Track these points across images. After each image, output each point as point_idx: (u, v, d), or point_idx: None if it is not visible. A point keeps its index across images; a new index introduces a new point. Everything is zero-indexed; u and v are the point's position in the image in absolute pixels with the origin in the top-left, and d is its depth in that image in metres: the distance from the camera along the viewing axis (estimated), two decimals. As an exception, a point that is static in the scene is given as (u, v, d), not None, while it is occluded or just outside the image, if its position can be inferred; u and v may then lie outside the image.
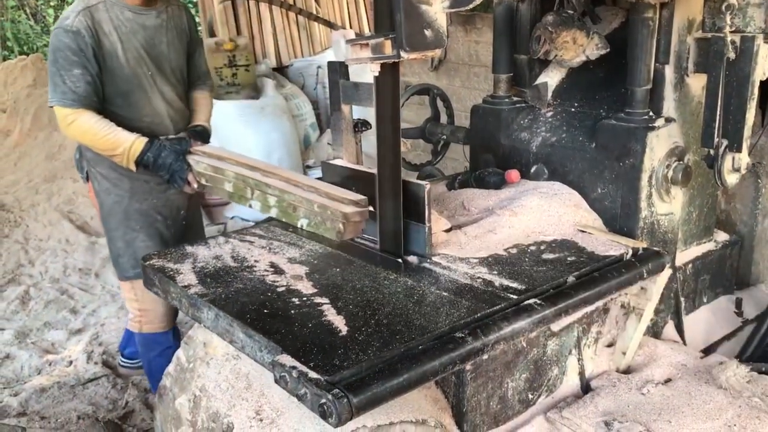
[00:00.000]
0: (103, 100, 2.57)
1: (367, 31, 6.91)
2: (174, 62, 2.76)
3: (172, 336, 2.84)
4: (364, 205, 2.03)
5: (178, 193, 2.72)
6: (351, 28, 6.99)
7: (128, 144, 2.52)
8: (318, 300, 1.77)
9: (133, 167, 2.56)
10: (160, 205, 2.73)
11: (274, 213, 2.20)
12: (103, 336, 3.67)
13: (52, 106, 2.55)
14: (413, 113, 4.26)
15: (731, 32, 2.02)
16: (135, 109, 2.63)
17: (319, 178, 2.41)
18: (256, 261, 2.04)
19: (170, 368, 2.02)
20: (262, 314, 1.69)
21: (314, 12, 6.70)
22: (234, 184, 2.36)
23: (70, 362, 3.43)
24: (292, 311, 1.71)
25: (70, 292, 4.22)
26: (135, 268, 2.61)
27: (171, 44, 2.73)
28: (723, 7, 2.00)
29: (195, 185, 2.58)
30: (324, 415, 1.37)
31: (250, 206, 2.29)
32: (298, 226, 2.12)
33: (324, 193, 2.09)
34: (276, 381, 1.48)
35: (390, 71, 1.87)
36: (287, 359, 1.48)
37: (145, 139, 2.54)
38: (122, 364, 3.34)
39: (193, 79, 2.94)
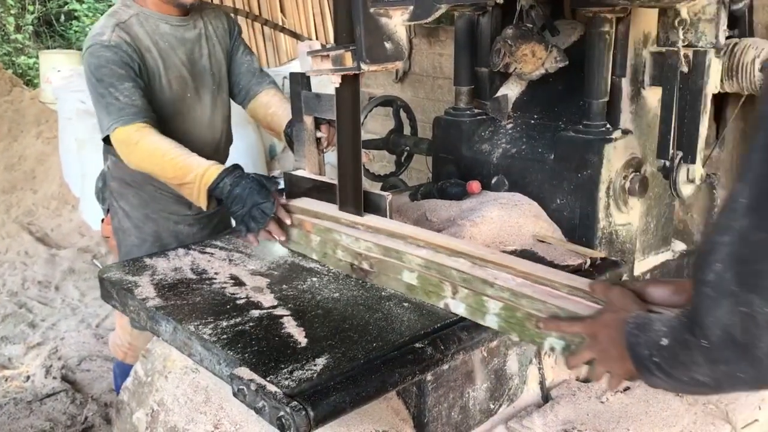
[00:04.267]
0: None
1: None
2: (217, 76, 2.43)
3: None
4: None
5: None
6: (317, 39, 7.02)
7: (201, 170, 2.03)
8: (278, 312, 1.76)
9: (204, 202, 2.06)
10: None
11: (492, 323, 1.57)
12: (63, 350, 3.60)
13: (106, 138, 2.14)
14: (378, 124, 4.27)
15: (684, 47, 2.07)
16: (173, 138, 2.22)
17: (281, 190, 2.25)
18: (216, 273, 2.02)
19: (128, 382, 1.99)
20: (221, 327, 1.68)
21: (280, 23, 6.71)
22: (419, 275, 1.72)
23: (28, 377, 3.36)
24: (252, 323, 1.69)
25: (28, 305, 4.14)
26: None
27: (212, 56, 2.38)
28: (676, 22, 2.05)
29: (282, 235, 2.06)
30: (282, 428, 1.36)
31: (445, 306, 1.68)
32: (546, 348, 1.51)
33: (594, 301, 1.42)
34: (234, 394, 1.47)
35: (350, 83, 1.88)
36: (245, 372, 1.47)
37: (222, 166, 2.07)
38: None
39: (250, 81, 2.51)
